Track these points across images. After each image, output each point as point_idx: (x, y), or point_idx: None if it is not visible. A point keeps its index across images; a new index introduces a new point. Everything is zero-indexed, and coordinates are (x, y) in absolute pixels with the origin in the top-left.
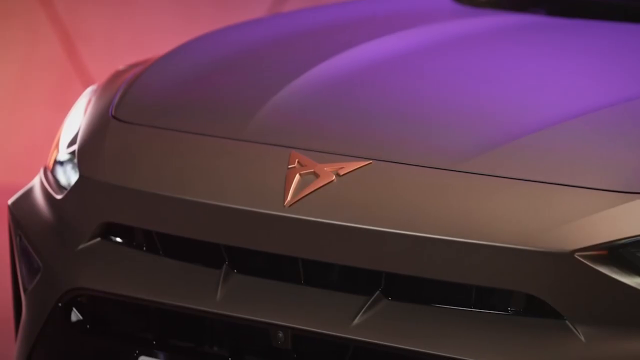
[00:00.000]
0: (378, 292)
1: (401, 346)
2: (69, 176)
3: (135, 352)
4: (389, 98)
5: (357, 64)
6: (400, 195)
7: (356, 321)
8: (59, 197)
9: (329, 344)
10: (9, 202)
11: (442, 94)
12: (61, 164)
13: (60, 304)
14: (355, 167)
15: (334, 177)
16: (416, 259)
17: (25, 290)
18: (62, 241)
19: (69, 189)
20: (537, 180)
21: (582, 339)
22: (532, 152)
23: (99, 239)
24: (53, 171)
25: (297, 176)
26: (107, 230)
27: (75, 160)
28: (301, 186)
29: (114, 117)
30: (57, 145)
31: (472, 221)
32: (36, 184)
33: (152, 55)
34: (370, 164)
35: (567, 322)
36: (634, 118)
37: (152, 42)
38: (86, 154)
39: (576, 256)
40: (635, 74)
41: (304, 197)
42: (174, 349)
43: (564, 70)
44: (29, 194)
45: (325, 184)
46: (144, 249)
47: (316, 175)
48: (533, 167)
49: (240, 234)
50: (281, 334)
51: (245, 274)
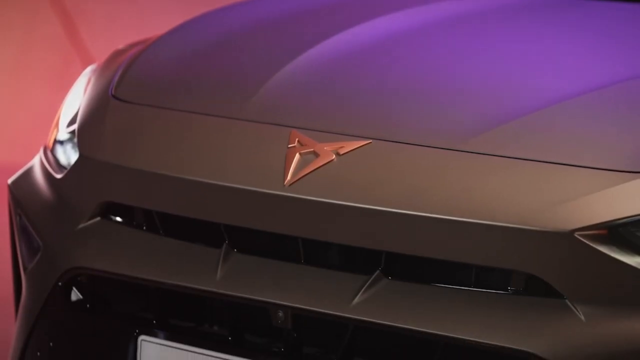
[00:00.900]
0: (378, 271)
1: (401, 325)
2: (68, 155)
3: (135, 332)
4: (388, 78)
5: (357, 44)
6: (400, 175)
7: (356, 300)
8: (58, 176)
9: (328, 323)
10: (9, 181)
11: (441, 74)
12: (61, 143)
13: (60, 283)
14: (355, 147)
15: (334, 156)
16: (416, 238)
17: (25, 269)
18: (62, 220)
19: (68, 168)
20: (537, 160)
21: (582, 318)
22: (532, 131)
23: (98, 218)
24: (53, 150)
25: (297, 155)
26: (107, 209)
27: (75, 140)
28: (301, 165)
29: (113, 96)
30: (56, 125)
31: (472, 200)
32: (36, 163)
33: (151, 34)
34: (370, 143)
35: (567, 301)
36: (633, 97)
37: (152, 21)
38: (86, 133)
39: (576, 235)
40: (635, 54)
41: (303, 176)
42: (173, 329)
43: (563, 50)
44: (28, 173)
45: (325, 164)
46: (144, 228)
47: (316, 155)
48: (533, 146)
49: (240, 213)
50: (281, 313)
51: (245, 253)
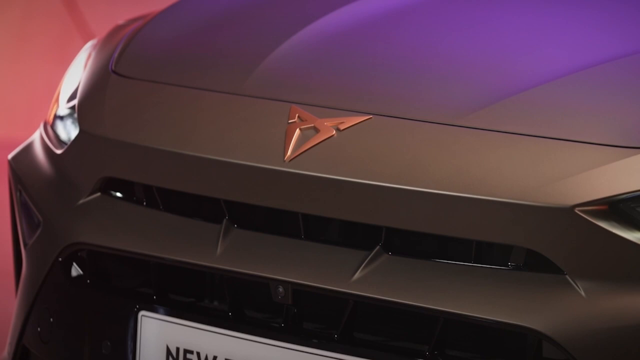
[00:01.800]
0: (378, 247)
1: (401, 301)
2: (69, 131)
3: (135, 307)
4: (388, 53)
5: (357, 19)
6: (400, 150)
7: (356, 276)
8: (59, 151)
9: (329, 298)
10: (9, 156)
11: (441, 49)
12: (61, 118)
13: (60, 259)
14: (356, 122)
15: (334, 131)
16: (416, 214)
17: (25, 245)
18: (62, 196)
19: (69, 143)
20: (537, 135)
21: (582, 293)
22: (532, 106)
23: (99, 193)
24: (53, 126)
25: (297, 131)
26: (107, 185)
27: (75, 115)
28: (301, 141)
29: (114, 71)
30: (57, 100)
31: (472, 176)
32: (36, 138)
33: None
34: (371, 118)
35: (567, 277)
36: (634, 73)
37: None
38: (86, 108)
39: (576, 211)
40: (635, 29)
41: (304, 151)
42: (174, 304)
43: (562, 25)
44: (29, 148)
45: (325, 139)
46: (144, 204)
47: (316, 130)
48: (533, 121)
49: (240, 188)
50: (281, 289)
51: (245, 228)
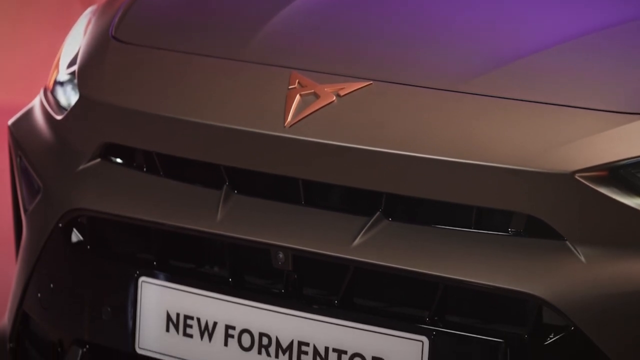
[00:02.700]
0: (378, 213)
1: (401, 267)
2: (69, 97)
3: (136, 273)
4: (389, 19)
5: None
6: (400, 116)
7: (356, 242)
8: (59, 117)
9: (329, 264)
10: (9, 122)
11: (442, 16)
12: (61, 84)
13: (60, 225)
14: (356, 88)
15: (334, 97)
16: (416, 180)
17: (25, 211)
18: (62, 162)
19: (69, 109)
20: (538, 101)
21: (583, 259)
22: (532, 73)
23: (99, 159)
24: (53, 92)
25: (297, 97)
26: (107, 151)
27: (75, 81)
28: (301, 107)
29: (114, 37)
30: (57, 66)
31: (472, 142)
32: (36, 104)
33: None
34: (371, 84)
35: (568, 243)
36: (634, 39)
37: None
38: (86, 74)
39: (576, 177)
40: None
41: (304, 117)
42: (174, 270)
43: None
44: (29, 114)
45: (325, 105)
46: (144, 169)
47: (316, 96)
48: (533, 88)
49: (241, 154)
50: (281, 255)
51: (246, 194)
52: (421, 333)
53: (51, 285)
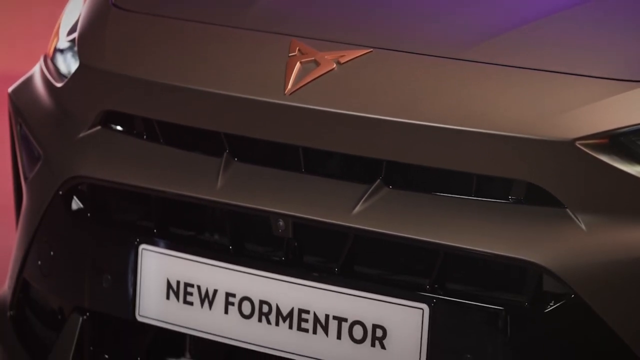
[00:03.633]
0: (378, 180)
1: (401, 234)
2: (69, 64)
3: (136, 241)
4: None
5: None
6: (401, 84)
7: (357, 209)
8: (59, 85)
9: (329, 232)
10: (9, 90)
11: None
12: (61, 52)
13: (60, 192)
14: (356, 55)
15: (334, 65)
16: (416, 147)
17: (25, 178)
18: (63, 129)
19: (69, 77)
20: (538, 69)
21: (583, 227)
22: (533, 40)
23: (99, 127)
24: (53, 59)
25: (297, 64)
26: (107, 118)
27: (75, 49)
28: (302, 74)
29: (114, 4)
30: (57, 33)
31: (472, 109)
32: (36, 72)
33: None
34: (371, 52)
35: (568, 210)
36: (634, 7)
37: None
38: (86, 42)
39: (577, 144)
40: None
41: (304, 85)
42: (174, 238)
43: None
44: (29, 82)
45: (325, 72)
46: (144, 137)
47: (317, 64)
48: (534, 55)
49: (241, 122)
50: (282, 222)
51: (246, 162)
52: (421, 301)
53: (51, 253)
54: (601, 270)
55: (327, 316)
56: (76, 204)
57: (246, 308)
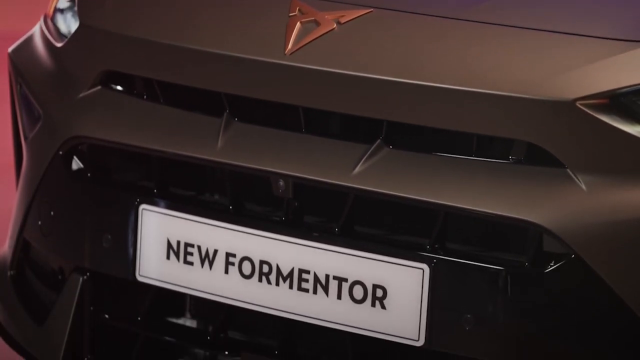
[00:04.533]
0: (379, 140)
1: (402, 194)
2: (69, 24)
3: (136, 201)
4: None
5: None
6: (401, 44)
7: (357, 169)
8: (59, 45)
9: (329, 192)
10: (9, 49)
11: None
12: (61, 11)
13: (60, 152)
14: (356, 15)
15: (334, 25)
16: (416, 108)
17: (26, 138)
18: (63, 89)
19: (69, 37)
20: (539, 29)
21: (583, 187)
22: (535, 0)
23: (99, 87)
24: (53, 19)
25: (298, 24)
26: (108, 78)
27: (75, 8)
28: (302, 34)
29: None
30: None
31: (473, 69)
32: (36, 31)
33: None
34: (371, 12)
35: (568, 170)
36: None
37: None
38: (86, 1)
39: (577, 105)
40: None
41: (304, 45)
42: (174, 198)
43: None
44: (29, 41)
45: (326, 32)
46: (145, 97)
47: (317, 24)
48: (535, 15)
49: (241, 82)
50: (282, 183)
51: (246, 122)
52: (422, 261)
53: (52, 213)
54: (601, 231)
55: (327, 276)
56: (76, 164)
57: (246, 268)
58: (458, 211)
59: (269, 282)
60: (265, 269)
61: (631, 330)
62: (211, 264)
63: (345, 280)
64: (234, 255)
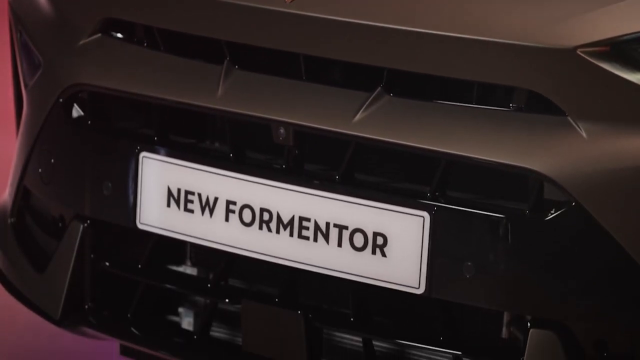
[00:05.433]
0: (379, 88)
1: (402, 142)
2: None
3: (137, 148)
4: None
5: None
6: None
7: (358, 117)
8: None
9: (330, 140)
10: None
11: None
12: None
13: (61, 100)
14: None
15: None
16: (417, 55)
17: (26, 86)
18: (63, 37)
19: None
20: None
21: (584, 135)
22: None
23: (99, 34)
24: None
25: None
26: (108, 25)
27: None
28: None
29: None
30: None
31: (473, 17)
32: None
33: None
34: None
35: (569, 118)
36: None
37: None
38: None
39: (578, 52)
40: None
41: None
42: (175, 146)
43: None
44: None
45: None
46: (145, 45)
47: None
48: None
49: (242, 29)
50: (282, 130)
51: (247, 70)
52: (422, 208)
53: (52, 161)
54: (602, 178)
55: (327, 224)
56: (77, 111)
57: (247, 216)
58: (458, 159)
59: (269, 230)
60: (266, 216)
61: (631, 277)
62: (211, 211)
63: (346, 228)
64: (234, 203)
